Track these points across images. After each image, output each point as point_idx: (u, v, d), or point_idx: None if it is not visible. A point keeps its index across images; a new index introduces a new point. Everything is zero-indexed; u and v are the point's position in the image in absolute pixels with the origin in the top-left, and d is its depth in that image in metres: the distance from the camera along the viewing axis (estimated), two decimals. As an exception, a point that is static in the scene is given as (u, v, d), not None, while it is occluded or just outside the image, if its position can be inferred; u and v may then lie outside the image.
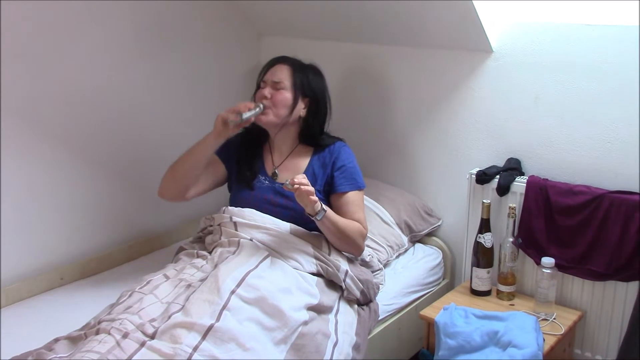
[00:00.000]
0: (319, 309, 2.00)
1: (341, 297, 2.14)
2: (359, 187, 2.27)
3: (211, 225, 2.25)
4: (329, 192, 2.26)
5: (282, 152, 2.29)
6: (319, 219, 2.07)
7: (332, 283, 2.13)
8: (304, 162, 2.27)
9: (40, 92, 2.33)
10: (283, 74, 2.22)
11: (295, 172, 2.20)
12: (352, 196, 2.24)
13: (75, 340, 1.82)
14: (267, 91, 2.21)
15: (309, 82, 2.25)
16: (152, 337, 1.74)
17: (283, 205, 2.19)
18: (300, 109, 2.25)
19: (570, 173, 2.36)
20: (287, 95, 2.20)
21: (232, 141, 2.28)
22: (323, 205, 2.08)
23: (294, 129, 2.28)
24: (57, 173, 2.43)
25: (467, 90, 2.57)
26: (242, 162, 2.29)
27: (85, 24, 2.42)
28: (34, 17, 2.25)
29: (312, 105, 2.27)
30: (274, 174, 2.26)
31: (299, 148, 2.30)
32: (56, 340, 1.86)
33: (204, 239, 2.29)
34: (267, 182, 2.25)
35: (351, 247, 2.20)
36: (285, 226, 2.15)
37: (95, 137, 2.54)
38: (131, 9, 2.55)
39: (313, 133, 2.28)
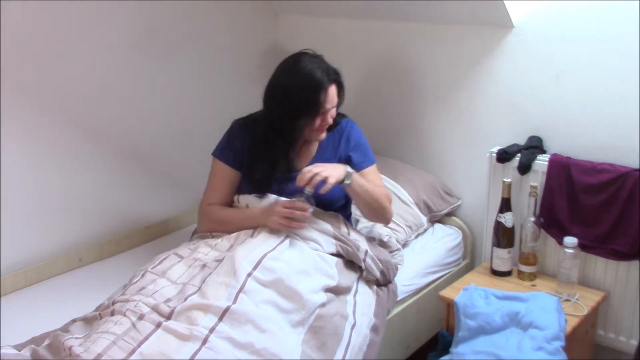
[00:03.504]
0: (337, 291, 1.99)
1: (360, 277, 2.12)
2: (372, 162, 2.25)
3: None
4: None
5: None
6: (348, 182, 2.05)
7: (351, 264, 2.11)
8: (314, 145, 2.23)
9: (57, 77, 2.33)
10: (336, 93, 2.11)
11: (308, 158, 2.19)
12: (372, 170, 2.23)
13: (90, 321, 1.84)
14: (329, 117, 2.11)
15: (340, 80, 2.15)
16: (168, 317, 1.73)
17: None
18: None
19: (594, 151, 2.31)
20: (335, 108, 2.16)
21: (237, 146, 2.20)
22: (348, 168, 2.07)
23: None
24: (77, 157, 2.44)
25: (488, 66, 2.53)
26: (261, 164, 2.17)
27: (98, 15, 2.40)
28: (43, 15, 2.25)
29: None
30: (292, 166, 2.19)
31: None
32: (73, 321, 1.88)
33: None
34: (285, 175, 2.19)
35: (382, 213, 2.17)
36: None
37: (113, 122, 2.54)
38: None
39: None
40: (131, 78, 2.57)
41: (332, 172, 2.01)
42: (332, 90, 2.08)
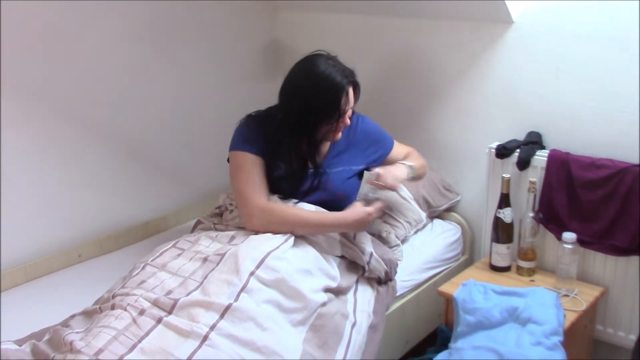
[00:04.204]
0: (337, 291, 1.99)
1: (360, 276, 2.12)
2: (392, 141, 2.36)
3: (231, 204, 2.23)
4: (366, 167, 2.27)
5: None
6: (414, 176, 2.25)
7: (353, 263, 2.11)
8: (326, 146, 2.21)
9: (58, 74, 2.33)
10: (352, 95, 2.10)
11: (322, 155, 2.18)
12: (396, 146, 2.36)
13: (90, 314, 1.84)
14: (347, 118, 2.11)
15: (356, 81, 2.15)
16: (170, 312, 1.73)
17: (320, 187, 2.16)
18: None
19: (593, 146, 2.31)
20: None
21: (256, 138, 2.13)
22: (404, 162, 2.23)
23: None
24: (75, 152, 2.44)
25: (487, 62, 2.52)
26: (277, 163, 2.15)
27: (97, 11, 2.40)
28: (44, 11, 2.25)
29: None
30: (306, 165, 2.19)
31: None
32: (72, 316, 1.88)
33: (221, 214, 2.27)
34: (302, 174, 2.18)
35: (425, 172, 2.41)
36: (310, 209, 2.10)
37: (113, 118, 2.54)
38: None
39: None
40: (130, 75, 2.57)
41: (398, 174, 2.17)
42: (351, 92, 2.08)
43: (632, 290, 2.28)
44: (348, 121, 2.11)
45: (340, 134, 2.15)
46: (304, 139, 2.10)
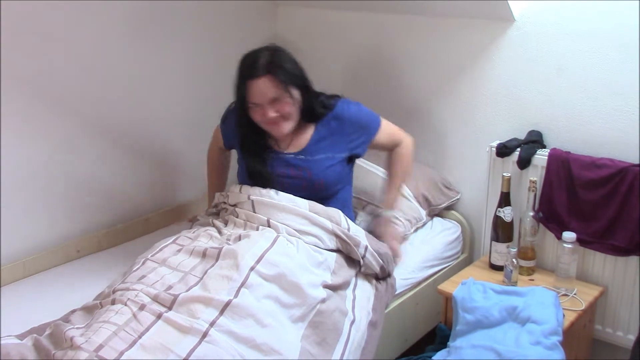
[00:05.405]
0: (335, 286, 1.99)
1: (359, 272, 2.12)
2: (379, 122, 2.27)
3: (225, 202, 2.23)
4: (350, 154, 2.24)
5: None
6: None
7: (351, 258, 2.11)
8: (308, 133, 2.20)
9: (57, 71, 2.32)
10: (273, 88, 2.03)
11: (301, 145, 2.18)
12: (382, 130, 2.27)
13: (90, 309, 1.84)
14: (270, 112, 2.05)
15: (289, 71, 2.07)
16: (170, 307, 1.73)
17: (294, 176, 2.16)
18: (299, 97, 2.14)
19: (594, 146, 2.31)
20: (288, 101, 2.06)
21: (231, 127, 2.28)
22: (386, 213, 2.30)
23: None
24: (74, 147, 2.43)
25: (488, 60, 2.52)
26: (250, 139, 2.21)
27: (98, 3, 2.40)
28: (40, 5, 2.24)
29: (302, 87, 2.13)
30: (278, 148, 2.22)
31: (300, 123, 2.19)
32: (73, 311, 1.88)
33: (218, 213, 2.27)
34: (276, 156, 2.20)
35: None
36: (304, 204, 2.11)
37: (112, 113, 2.53)
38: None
39: (312, 109, 2.17)
40: (130, 72, 2.56)
41: (396, 233, 2.32)
42: (267, 82, 2.02)
43: (631, 290, 2.28)
44: (271, 114, 2.05)
45: (281, 129, 2.11)
46: (251, 127, 2.16)
